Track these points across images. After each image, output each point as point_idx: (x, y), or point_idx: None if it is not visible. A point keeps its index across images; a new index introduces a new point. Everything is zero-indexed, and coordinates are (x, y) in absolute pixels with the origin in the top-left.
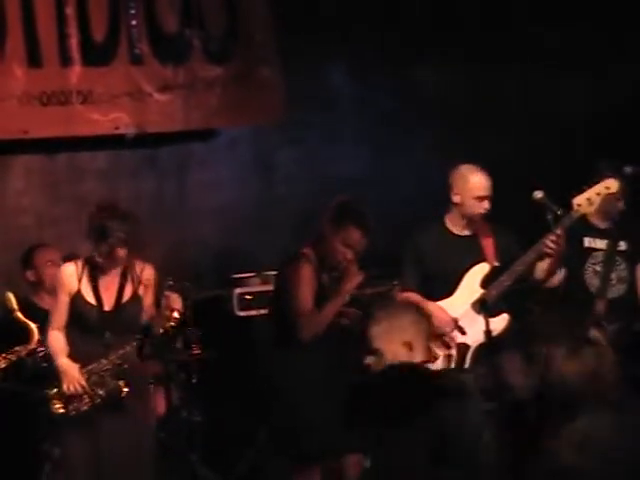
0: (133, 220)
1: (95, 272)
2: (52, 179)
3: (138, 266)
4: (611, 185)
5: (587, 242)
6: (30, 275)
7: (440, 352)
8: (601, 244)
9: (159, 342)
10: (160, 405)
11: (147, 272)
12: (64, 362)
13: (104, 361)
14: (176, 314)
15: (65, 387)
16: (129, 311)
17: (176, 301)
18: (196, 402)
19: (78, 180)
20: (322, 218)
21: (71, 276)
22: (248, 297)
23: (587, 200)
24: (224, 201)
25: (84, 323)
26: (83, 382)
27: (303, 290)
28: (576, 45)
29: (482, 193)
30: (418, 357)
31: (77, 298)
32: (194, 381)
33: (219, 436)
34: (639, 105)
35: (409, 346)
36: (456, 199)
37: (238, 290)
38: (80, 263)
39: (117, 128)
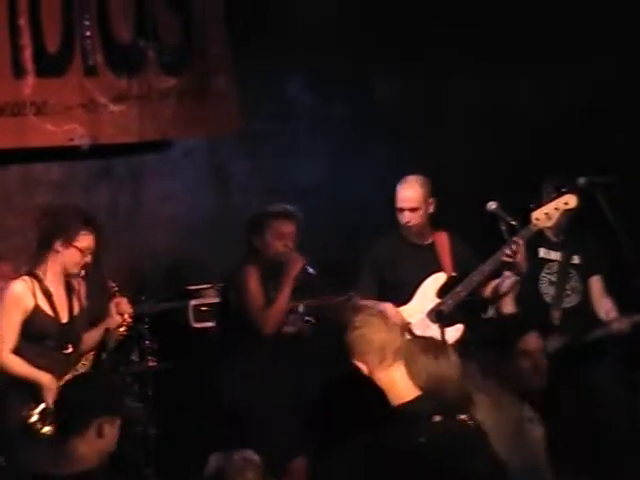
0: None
1: (45, 285)
2: (5, 191)
3: (75, 280)
4: (570, 200)
5: (542, 253)
6: None
7: None
8: (555, 255)
9: (115, 353)
10: None
11: (83, 288)
12: (48, 379)
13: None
14: (127, 317)
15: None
16: (81, 323)
17: (126, 305)
18: (151, 415)
19: (31, 192)
20: (247, 234)
21: (25, 293)
22: (204, 309)
23: (545, 215)
24: (179, 212)
25: (45, 338)
26: None
27: (251, 289)
28: (534, 51)
29: (399, 205)
30: None
31: (36, 313)
32: (149, 393)
33: (174, 450)
34: (597, 109)
35: None
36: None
37: (194, 302)
38: (28, 278)
39: (71, 139)
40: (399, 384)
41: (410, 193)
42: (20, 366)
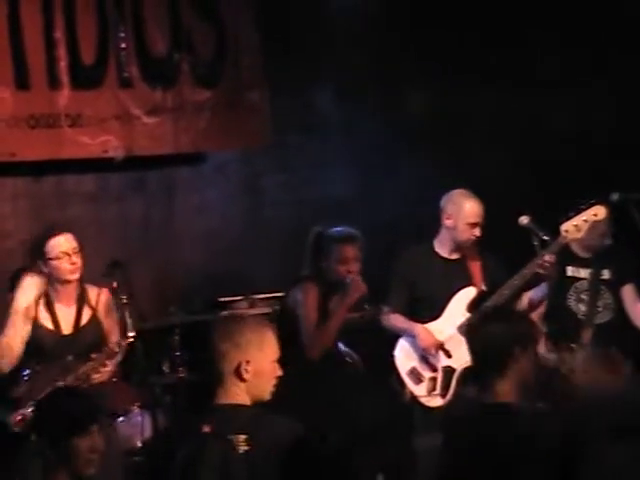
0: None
1: (49, 299)
2: (39, 202)
3: (93, 290)
4: (599, 212)
5: (570, 271)
6: None
7: (425, 374)
8: (584, 273)
9: (145, 364)
10: (146, 429)
11: (104, 296)
12: None
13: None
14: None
15: None
16: (88, 334)
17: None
18: (182, 426)
19: (65, 204)
20: (311, 252)
21: (30, 305)
22: None
23: (575, 227)
24: (212, 225)
25: (42, 349)
26: None
27: (307, 310)
28: (563, 64)
29: (474, 220)
30: None
31: (35, 327)
32: (180, 404)
33: None
34: (625, 123)
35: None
36: (448, 223)
37: (225, 313)
38: (38, 293)
39: (105, 151)
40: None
41: (481, 208)
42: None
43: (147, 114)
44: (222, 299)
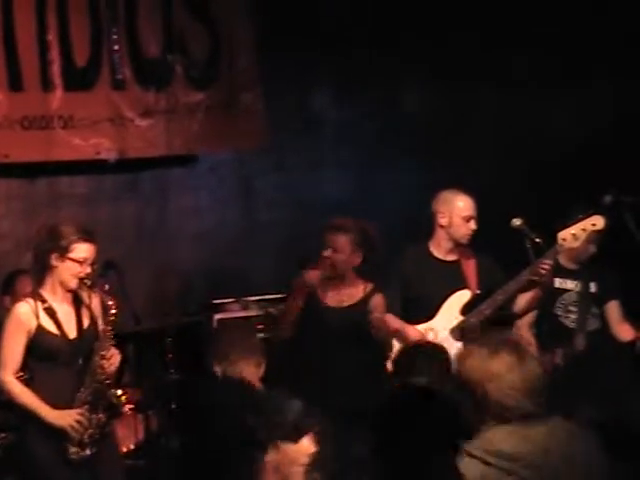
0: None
1: (49, 303)
2: (32, 204)
3: (85, 293)
4: (597, 222)
5: (558, 283)
6: (8, 301)
7: None
8: (571, 285)
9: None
10: (139, 431)
11: (95, 299)
12: (53, 415)
13: (83, 389)
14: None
15: (73, 433)
16: (91, 337)
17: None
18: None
19: (58, 205)
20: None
21: (27, 314)
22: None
23: (572, 235)
24: (205, 227)
25: (53, 356)
26: (81, 418)
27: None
28: (561, 67)
29: (468, 213)
30: None
31: (40, 334)
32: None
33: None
34: (622, 127)
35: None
36: (443, 222)
37: (218, 316)
38: (31, 299)
39: (98, 153)
40: None
41: (471, 201)
42: (25, 399)
43: (140, 116)
44: (215, 301)
